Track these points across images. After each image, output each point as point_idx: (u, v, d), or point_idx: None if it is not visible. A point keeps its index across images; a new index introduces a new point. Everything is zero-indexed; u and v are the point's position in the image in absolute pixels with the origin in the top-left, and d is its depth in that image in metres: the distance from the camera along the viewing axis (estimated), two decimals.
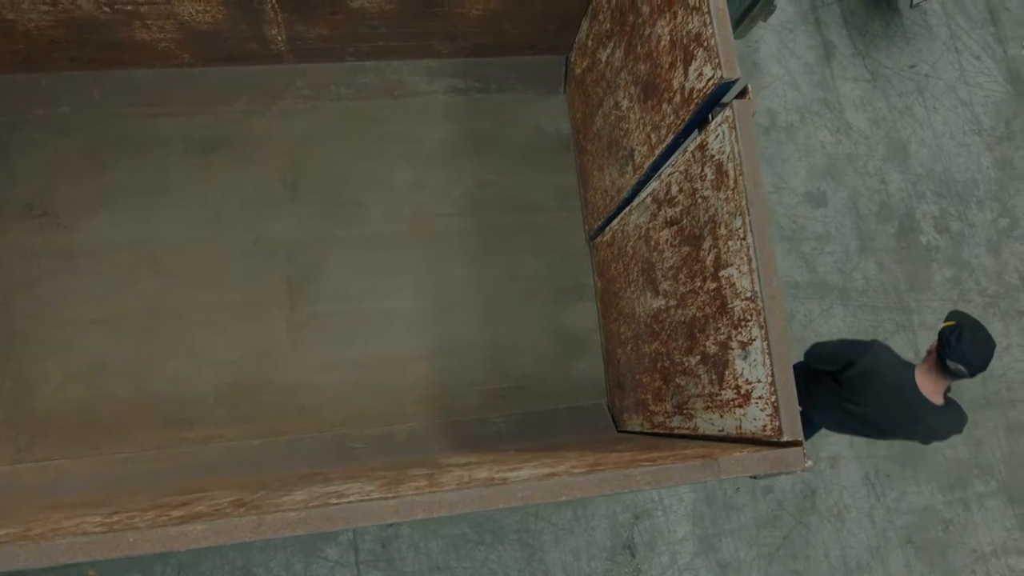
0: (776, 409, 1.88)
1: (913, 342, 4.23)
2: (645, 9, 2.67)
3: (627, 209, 3.05)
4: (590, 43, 3.37)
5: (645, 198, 2.84)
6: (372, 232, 3.64)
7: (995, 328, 4.34)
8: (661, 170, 2.62)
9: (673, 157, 2.51)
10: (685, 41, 2.32)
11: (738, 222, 2.06)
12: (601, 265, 3.47)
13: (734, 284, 2.12)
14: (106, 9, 2.93)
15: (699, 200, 2.28)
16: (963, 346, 2.68)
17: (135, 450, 3.18)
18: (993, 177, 4.57)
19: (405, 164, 3.75)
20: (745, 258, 2.02)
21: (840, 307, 4.19)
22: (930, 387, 2.84)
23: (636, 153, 2.90)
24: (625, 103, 2.98)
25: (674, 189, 2.55)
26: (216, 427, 3.28)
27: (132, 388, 3.25)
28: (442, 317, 3.57)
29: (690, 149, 2.34)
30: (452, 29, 3.39)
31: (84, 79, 3.45)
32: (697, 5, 2.23)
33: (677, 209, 2.55)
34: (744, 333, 2.06)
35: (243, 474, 3.03)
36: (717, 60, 2.11)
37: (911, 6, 4.39)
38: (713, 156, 2.20)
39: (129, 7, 2.93)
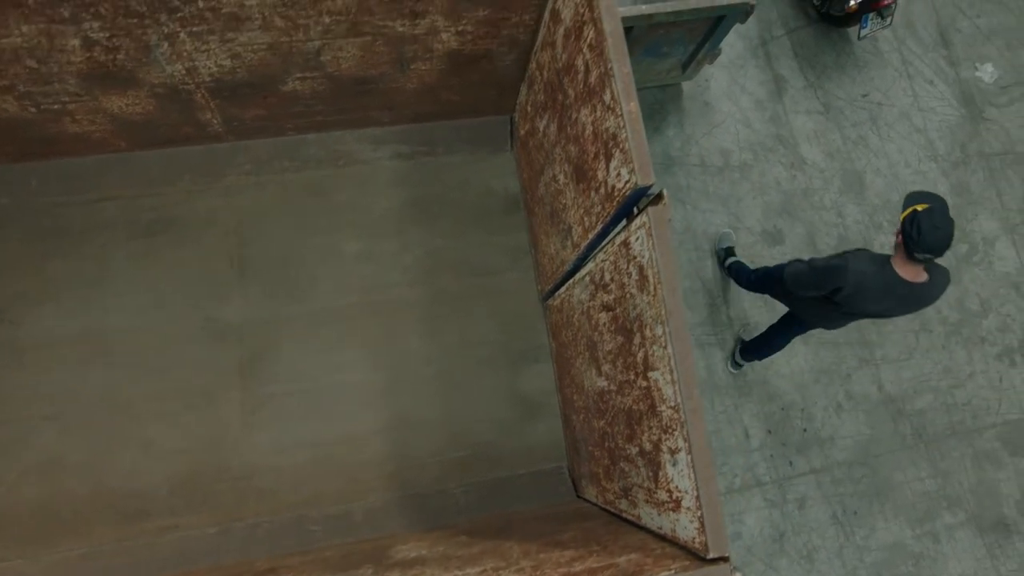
0: (703, 524, 1.90)
1: (876, 377, 4.28)
2: (571, 93, 2.69)
3: (571, 281, 3.07)
4: (529, 109, 3.40)
5: (584, 276, 2.86)
6: (323, 307, 3.65)
7: (958, 357, 4.40)
8: (595, 253, 2.64)
9: (604, 243, 2.53)
10: (605, 137, 2.34)
11: (660, 329, 2.08)
12: (554, 328, 3.50)
13: (660, 389, 2.14)
14: (32, 109, 2.94)
15: (628, 294, 2.31)
16: (924, 237, 2.90)
17: (93, 545, 3.20)
18: (950, 203, 4.62)
19: (354, 234, 3.77)
20: (667, 367, 2.04)
21: (802, 345, 4.24)
22: (911, 272, 3.08)
23: (573, 230, 2.92)
24: (562, 178, 3.00)
25: (607, 276, 2.58)
26: (173, 517, 3.29)
27: (87, 483, 3.27)
28: (397, 389, 3.59)
29: (617, 242, 2.36)
30: (390, 101, 3.41)
31: (20, 171, 3.46)
32: (611, 105, 2.24)
33: (611, 296, 2.57)
34: (671, 440, 2.09)
35: (200, 568, 3.04)
36: (632, 165, 2.13)
37: (859, 38, 4.41)
38: (635, 257, 2.22)
39: (56, 106, 2.94)
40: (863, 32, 4.43)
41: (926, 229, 2.90)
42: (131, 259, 3.65)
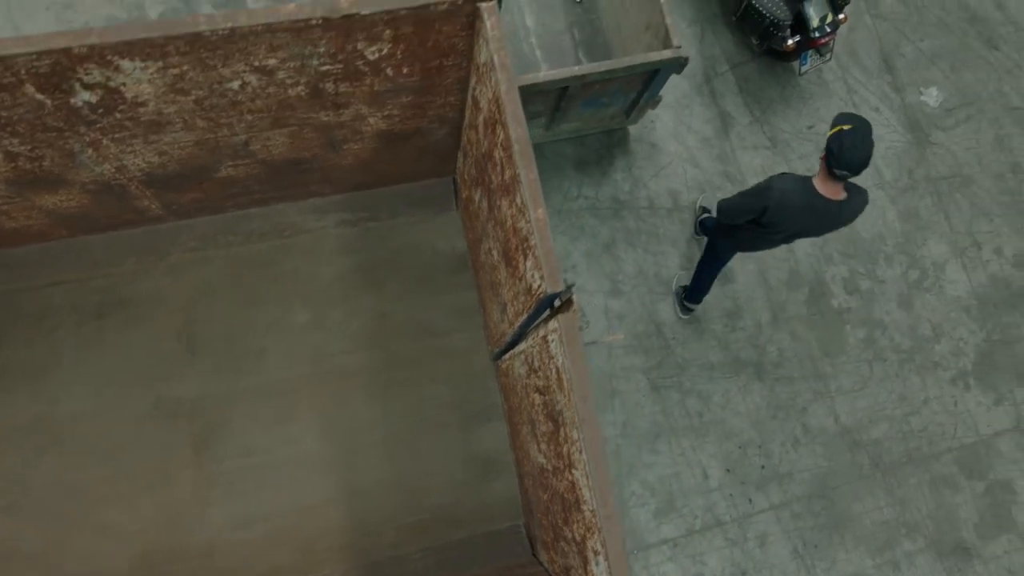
0: None
1: (832, 409, 4.35)
2: (494, 179, 2.73)
3: (512, 352, 3.12)
4: (467, 177, 3.44)
5: (520, 353, 2.91)
6: (273, 379, 3.70)
7: (912, 383, 4.49)
8: (527, 334, 2.69)
9: (532, 328, 2.58)
10: (520, 236, 2.39)
11: (576, 434, 2.13)
12: (505, 388, 3.55)
13: (581, 490, 2.19)
14: None
15: (553, 387, 2.36)
16: (844, 154, 3.11)
17: None
18: (899, 230, 4.71)
19: (301, 304, 3.81)
20: (584, 472, 2.09)
21: (757, 382, 4.31)
22: (831, 190, 3.32)
23: (508, 308, 2.98)
24: (495, 254, 3.06)
25: (536, 362, 2.62)
26: None
27: (44, 572, 3.30)
28: (351, 456, 3.65)
29: (540, 334, 2.41)
30: (328, 176, 3.46)
31: None
32: (522, 208, 2.29)
33: (541, 382, 2.62)
34: (593, 541, 2.14)
35: None
36: (541, 272, 2.18)
37: (800, 75, 4.47)
38: (553, 356, 2.27)
39: None
40: (803, 69, 4.50)
41: (847, 147, 3.11)
42: (81, 343, 3.68)
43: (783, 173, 3.50)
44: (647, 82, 4.06)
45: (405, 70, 2.72)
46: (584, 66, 3.72)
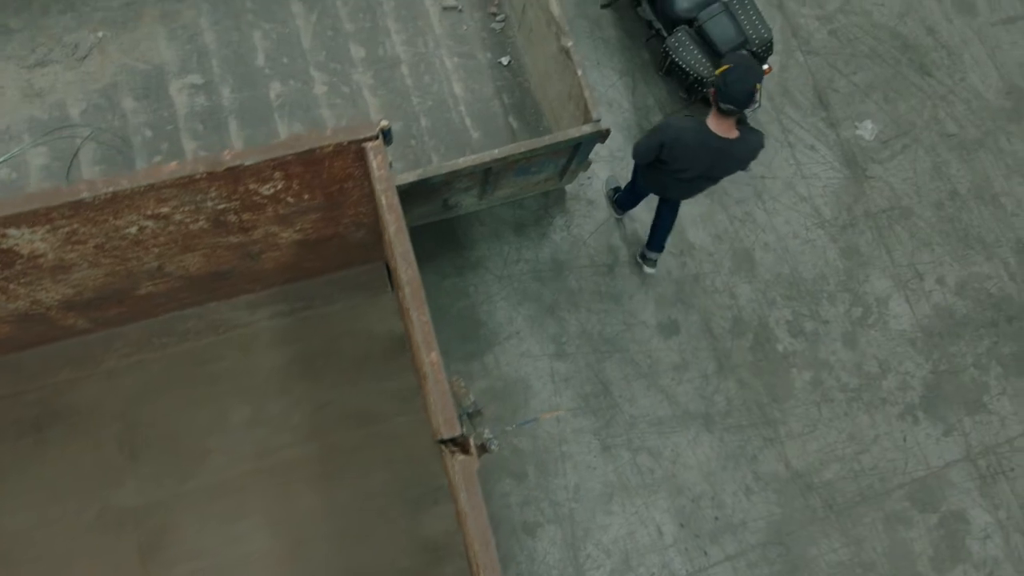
0: None
1: (782, 454, 4.43)
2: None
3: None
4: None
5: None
6: (218, 479, 3.75)
7: (861, 421, 4.57)
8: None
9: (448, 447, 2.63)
10: (422, 370, 2.42)
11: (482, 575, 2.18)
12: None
13: None
14: None
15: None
16: (728, 88, 3.36)
17: None
18: (841, 268, 4.78)
19: (241, 400, 3.86)
20: None
21: (706, 434, 4.39)
22: (723, 128, 3.58)
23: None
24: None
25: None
26: None
27: None
28: (300, 551, 3.69)
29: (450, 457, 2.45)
30: (254, 277, 3.51)
31: None
32: (418, 346, 2.32)
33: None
34: None
35: None
36: (439, 417, 2.21)
37: None
38: (457, 492, 2.31)
39: None
40: None
41: (730, 81, 3.36)
42: (21, 457, 3.72)
43: (681, 115, 3.91)
44: (574, 151, 4.09)
45: (306, 196, 2.76)
46: (506, 147, 3.75)
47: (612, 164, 4.91)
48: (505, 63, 4.68)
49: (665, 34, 4.72)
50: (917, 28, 5.54)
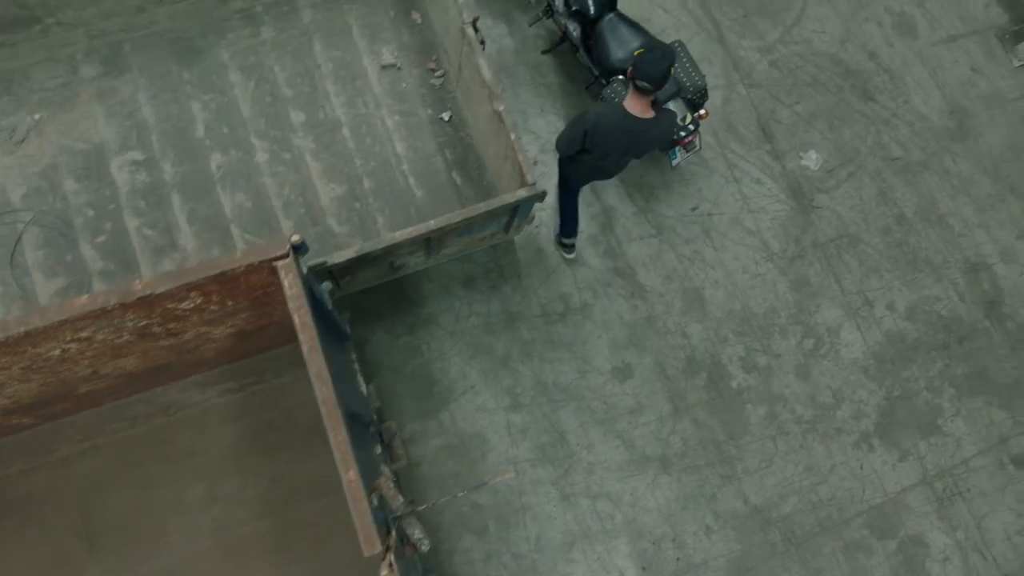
0: None
1: (741, 491, 4.54)
2: None
3: None
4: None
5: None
6: (176, 560, 3.84)
7: (817, 452, 4.67)
8: None
9: None
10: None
11: None
12: None
13: None
14: None
15: None
16: (644, 67, 3.63)
17: None
18: (791, 300, 4.87)
19: (196, 479, 3.92)
20: None
21: (664, 476, 4.48)
22: (639, 107, 3.82)
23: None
24: None
25: None
26: None
27: None
28: None
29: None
30: (197, 364, 3.53)
31: None
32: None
33: None
34: None
35: None
36: (359, 536, 2.27)
37: (672, 168, 4.57)
38: None
39: None
40: (674, 163, 4.62)
41: (646, 61, 3.64)
42: None
43: (600, 102, 4.17)
44: (514, 210, 4.14)
45: (230, 303, 2.81)
46: (442, 217, 3.80)
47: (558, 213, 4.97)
48: (446, 119, 4.74)
49: (604, 81, 4.78)
50: (858, 53, 5.62)
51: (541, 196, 4.06)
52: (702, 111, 4.60)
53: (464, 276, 4.81)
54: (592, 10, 4.71)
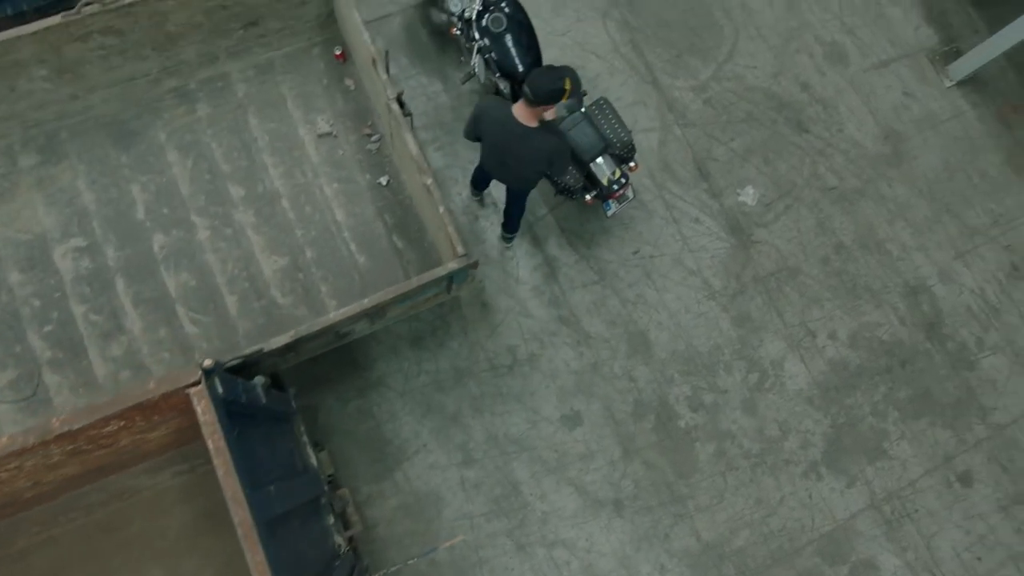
0: None
1: (693, 528, 4.69)
2: None
3: None
4: None
5: None
6: None
7: (766, 485, 4.85)
8: None
9: None
10: None
11: None
12: None
13: None
14: None
15: None
16: (533, 77, 3.91)
17: None
18: (735, 336, 5.02)
19: (154, 562, 4.08)
20: None
21: (618, 519, 4.64)
22: (524, 115, 4.05)
23: None
24: None
25: None
26: None
27: None
28: None
29: None
30: (142, 455, 3.63)
31: None
32: None
33: None
34: None
35: None
36: None
37: (607, 217, 4.70)
38: None
39: None
40: (609, 213, 4.74)
41: (535, 74, 3.94)
42: None
43: (496, 98, 4.41)
44: (449, 280, 4.26)
45: (156, 417, 2.91)
46: (376, 295, 3.91)
47: (503, 265, 5.12)
48: (384, 183, 4.87)
49: None
50: (791, 85, 5.77)
51: (474, 265, 4.19)
52: (632, 164, 4.75)
53: (412, 335, 4.95)
54: (520, 68, 4.84)
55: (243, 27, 4.82)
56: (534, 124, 4.07)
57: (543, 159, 4.23)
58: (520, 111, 4.05)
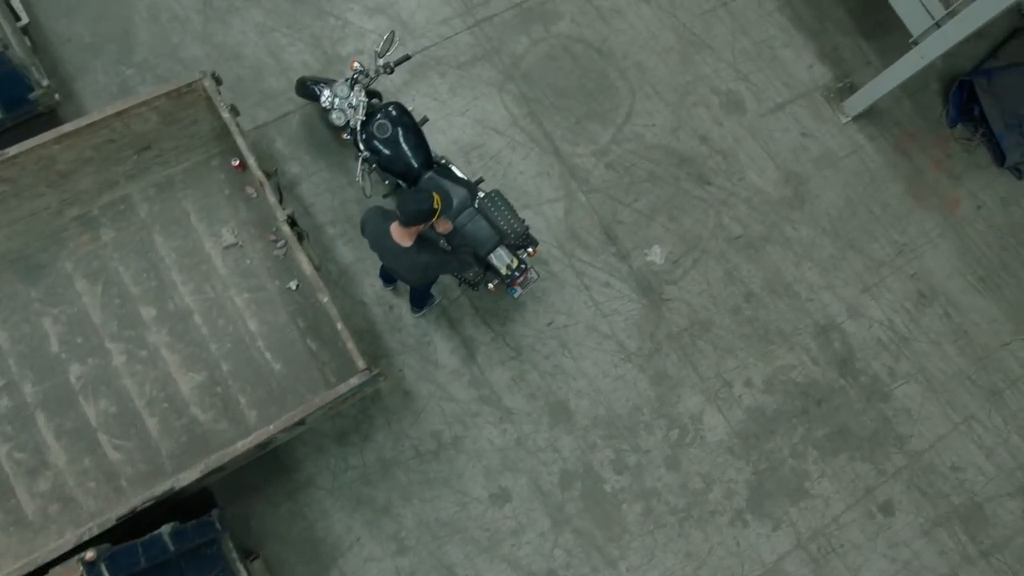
0: None
1: None
2: None
3: None
4: None
5: None
6: None
7: (695, 537, 5.12)
8: None
9: None
10: None
11: None
12: None
13: None
14: None
15: None
16: (400, 201, 4.21)
17: None
18: (653, 395, 5.26)
19: None
20: None
21: None
22: (399, 234, 4.28)
23: None
24: None
25: None
26: None
27: None
28: None
29: None
30: None
31: None
32: None
33: None
34: None
35: None
36: None
37: (515, 298, 4.87)
38: None
39: None
40: (515, 296, 4.95)
41: (403, 195, 4.34)
42: None
43: (382, 208, 4.53)
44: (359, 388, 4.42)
45: None
46: (284, 419, 4.07)
47: (420, 352, 5.30)
48: (294, 287, 5.07)
49: None
50: (690, 140, 5.99)
51: (377, 377, 4.37)
52: (530, 250, 4.93)
53: (336, 432, 5.13)
54: (412, 169, 5.00)
55: (137, 153, 4.99)
56: (408, 243, 4.28)
57: (418, 274, 4.51)
58: (396, 230, 4.27)
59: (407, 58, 5.29)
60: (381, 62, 5.11)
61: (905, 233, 6.38)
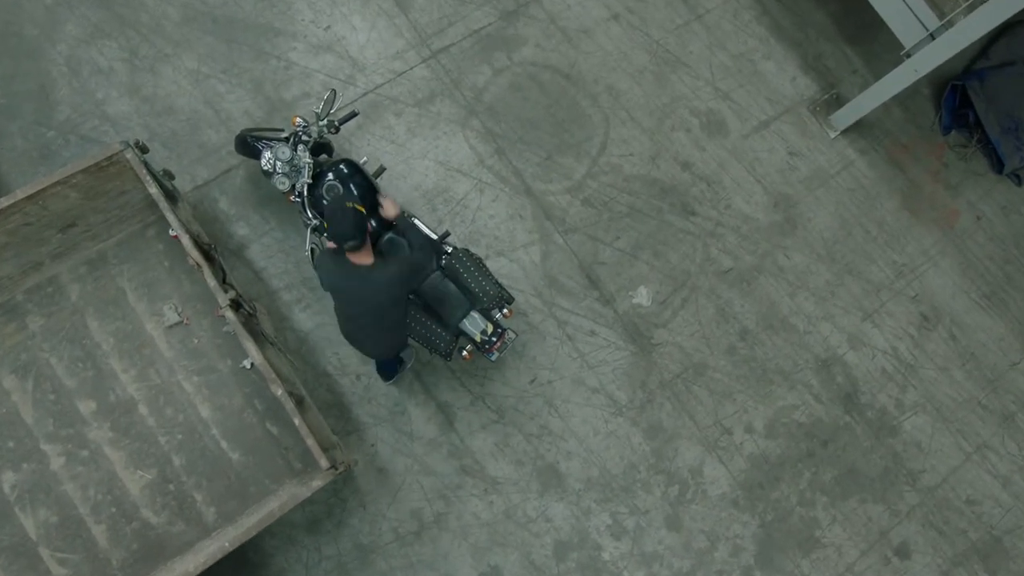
0: None
1: None
2: None
3: None
4: None
5: None
6: None
7: None
8: None
9: None
10: None
11: None
12: None
13: None
14: None
15: None
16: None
17: None
18: (648, 450, 4.95)
19: None
20: None
21: None
22: (356, 257, 4.03)
23: None
24: None
25: None
26: None
27: None
28: None
29: None
30: None
31: None
32: None
33: None
34: None
35: None
36: None
37: (492, 361, 4.52)
38: None
39: None
40: (492, 359, 4.60)
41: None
42: None
43: (331, 253, 4.30)
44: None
45: None
46: (222, 545, 3.74)
47: (394, 423, 4.94)
48: (249, 366, 4.65)
49: None
50: (671, 167, 5.65)
51: (343, 471, 4.00)
52: (505, 310, 4.57)
53: (307, 520, 4.76)
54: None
55: (60, 231, 4.55)
56: (370, 261, 4.04)
57: (395, 286, 4.07)
58: (354, 258, 4.00)
59: (354, 115, 4.82)
60: (324, 122, 4.66)
61: (903, 252, 6.09)
